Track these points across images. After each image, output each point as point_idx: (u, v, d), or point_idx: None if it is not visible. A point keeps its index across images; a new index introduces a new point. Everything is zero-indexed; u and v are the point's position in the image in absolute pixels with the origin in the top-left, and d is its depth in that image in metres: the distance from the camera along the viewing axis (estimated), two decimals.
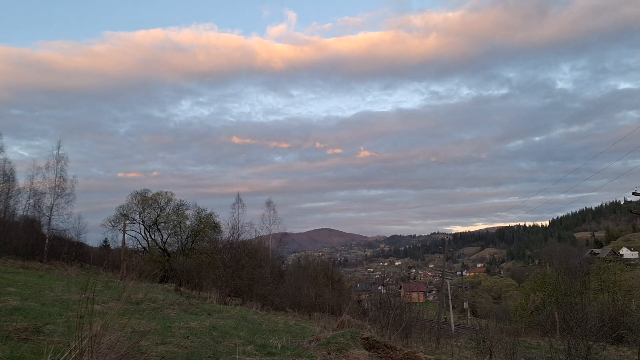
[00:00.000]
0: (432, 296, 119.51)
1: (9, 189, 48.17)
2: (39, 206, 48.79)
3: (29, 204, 49.37)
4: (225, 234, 51.04)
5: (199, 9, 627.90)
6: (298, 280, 42.26)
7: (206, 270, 39.59)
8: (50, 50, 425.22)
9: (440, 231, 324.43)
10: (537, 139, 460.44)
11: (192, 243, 55.54)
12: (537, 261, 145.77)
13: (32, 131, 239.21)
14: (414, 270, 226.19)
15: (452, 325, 49.86)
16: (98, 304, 10.36)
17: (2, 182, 46.95)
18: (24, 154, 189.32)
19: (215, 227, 55.77)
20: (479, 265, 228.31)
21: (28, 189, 48.97)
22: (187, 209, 56.42)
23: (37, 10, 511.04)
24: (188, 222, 56.16)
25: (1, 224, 41.16)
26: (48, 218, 47.18)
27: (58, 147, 48.96)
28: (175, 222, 55.65)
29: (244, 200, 64.65)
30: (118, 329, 6.06)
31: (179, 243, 56.14)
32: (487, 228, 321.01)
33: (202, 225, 55.69)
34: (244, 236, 48.26)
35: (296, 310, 33.92)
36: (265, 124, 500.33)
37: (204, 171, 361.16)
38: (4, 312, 9.41)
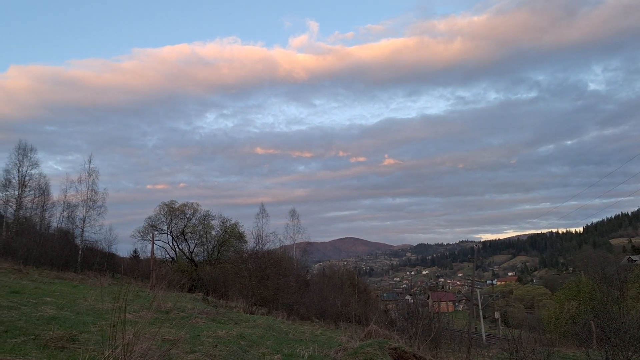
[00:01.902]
0: (461, 306, 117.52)
1: (44, 202, 49.70)
2: (72, 218, 50.20)
3: (63, 216, 50.84)
4: (250, 243, 51.54)
5: (223, 23, 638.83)
6: (323, 289, 42.15)
7: (232, 279, 39.87)
8: (82, 68, 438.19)
9: (469, 239, 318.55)
10: (569, 142, 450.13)
11: (218, 253, 56.11)
12: (571, 269, 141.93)
13: (65, 146, 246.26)
14: (442, 279, 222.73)
15: (483, 335, 48.91)
16: (130, 313, 10.60)
17: (37, 195, 48.48)
18: (58, 169, 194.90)
19: (240, 237, 56.29)
20: (510, 273, 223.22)
21: (62, 202, 50.48)
22: (212, 219, 57.21)
23: (69, 29, 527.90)
24: (214, 232, 56.86)
25: (37, 236, 42.35)
26: (81, 230, 48.47)
27: (89, 162, 50.37)
28: (201, 233, 56.39)
29: (267, 210, 65.10)
30: (149, 338, 6.19)
31: (206, 253, 56.82)
32: (518, 235, 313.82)
33: (227, 235, 56.27)
34: (269, 246, 48.57)
35: (322, 320, 33.82)
36: (288, 134, 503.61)
37: (229, 182, 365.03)
38: (41, 321, 9.70)
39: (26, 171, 46.55)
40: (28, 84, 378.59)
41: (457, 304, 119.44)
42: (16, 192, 45.60)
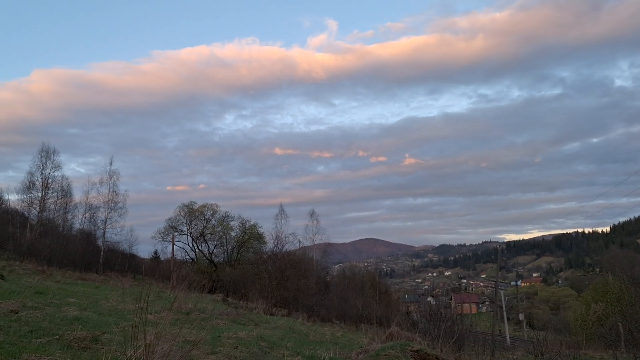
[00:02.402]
0: (484, 307, 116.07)
1: (66, 204, 50.58)
2: (94, 220, 50.98)
3: (85, 217, 51.66)
4: (270, 244, 51.65)
5: (241, 24, 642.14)
6: (344, 291, 42.03)
7: (252, 280, 40.01)
8: (103, 71, 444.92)
9: (492, 240, 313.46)
10: (594, 140, 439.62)
11: (238, 254, 56.40)
12: (597, 269, 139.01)
13: (87, 149, 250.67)
14: (464, 281, 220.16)
15: (508, 337, 48.22)
16: (151, 314, 10.67)
17: (60, 197, 49.35)
18: (80, 171, 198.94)
19: (260, 238, 56.49)
20: (534, 274, 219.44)
21: (84, 204, 51.31)
22: (231, 221, 57.54)
23: (90, 32, 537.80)
24: (233, 233, 57.17)
25: (60, 238, 43.12)
26: (102, 231, 49.22)
27: (110, 163, 51.13)
28: (220, 234, 56.77)
29: (287, 210, 65.06)
30: (170, 339, 6.18)
31: (225, 254, 57.18)
32: (542, 235, 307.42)
33: (246, 236, 56.53)
34: (288, 247, 48.62)
35: (343, 322, 33.70)
36: (307, 134, 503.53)
37: (248, 183, 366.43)
38: (65, 321, 9.81)
39: (49, 173, 47.41)
40: (51, 88, 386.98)
41: (480, 305, 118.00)
42: (40, 194, 46.46)
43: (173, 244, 47.37)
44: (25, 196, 46.39)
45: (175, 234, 53.84)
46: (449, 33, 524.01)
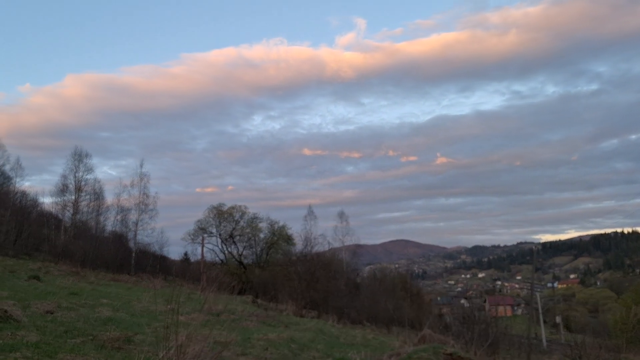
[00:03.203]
0: (520, 310, 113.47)
1: (99, 206, 51.71)
2: (125, 222, 51.86)
3: (117, 219, 52.63)
4: (299, 246, 51.68)
5: (269, 25, 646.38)
6: (374, 293, 41.69)
7: (281, 282, 40.10)
8: (133, 75, 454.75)
9: (528, 240, 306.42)
10: (633, 137, 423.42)
11: (267, 255, 56.63)
12: (638, 271, 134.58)
13: (119, 151, 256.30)
14: (499, 283, 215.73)
15: (544, 340, 47.06)
16: (182, 315, 10.72)
17: (93, 200, 50.49)
18: (112, 173, 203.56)
19: (289, 240, 56.55)
20: (571, 276, 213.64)
21: (116, 206, 52.27)
22: (260, 222, 57.75)
23: (121, 37, 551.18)
24: (262, 235, 57.41)
25: (93, 239, 44.10)
26: (134, 233, 50.05)
27: (141, 166, 51.99)
28: (249, 235, 57.09)
29: (315, 212, 64.73)
30: (201, 340, 6.17)
31: (254, 255, 57.47)
32: (580, 236, 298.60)
33: (275, 238, 56.70)
34: (317, 248, 48.52)
35: (374, 324, 33.41)
36: (335, 134, 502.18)
37: (276, 184, 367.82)
38: (98, 322, 9.96)
39: (82, 176, 48.50)
40: (83, 92, 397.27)
41: (515, 308, 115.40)
42: (73, 197, 47.63)
43: (203, 246, 48.03)
44: (59, 199, 47.67)
45: (205, 235, 54.49)
46: (481, 29, 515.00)
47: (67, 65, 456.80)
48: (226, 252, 57.88)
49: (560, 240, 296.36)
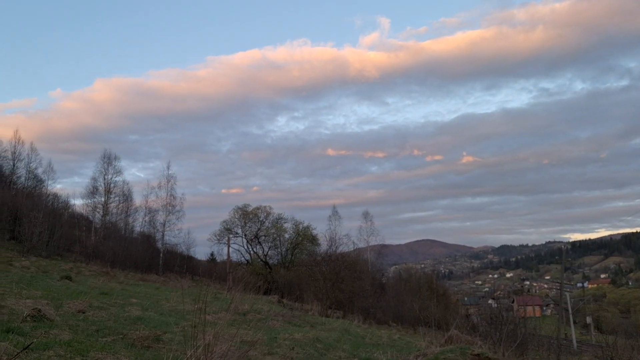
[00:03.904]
0: (549, 310, 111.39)
1: (127, 208, 52.84)
2: (153, 223, 52.91)
3: (145, 221, 53.73)
4: (323, 246, 51.66)
5: (293, 26, 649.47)
6: (400, 293, 41.44)
7: (306, 282, 40.17)
8: (160, 78, 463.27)
9: (556, 239, 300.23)
10: None
11: (292, 256, 56.84)
12: None
13: (146, 154, 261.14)
14: (527, 283, 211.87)
15: (574, 341, 46.00)
16: (209, 315, 10.84)
17: (122, 201, 51.62)
18: (140, 175, 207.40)
19: (313, 240, 56.66)
20: (602, 275, 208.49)
21: (144, 207, 53.39)
22: (285, 222, 58.07)
23: (148, 41, 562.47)
24: (287, 235, 57.66)
25: (122, 240, 45.02)
26: (161, 233, 50.98)
27: (168, 168, 52.97)
28: (274, 235, 57.42)
29: (340, 212, 64.85)
30: (228, 339, 6.24)
31: (279, 256, 57.77)
32: (610, 235, 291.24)
33: (300, 238, 56.87)
34: (342, 248, 48.38)
35: (399, 324, 33.23)
36: (359, 134, 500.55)
37: (300, 184, 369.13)
38: (128, 321, 10.17)
39: (111, 178, 49.67)
40: (112, 96, 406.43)
41: (544, 308, 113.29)
42: (103, 199, 48.74)
43: (228, 246, 48.52)
44: (89, 201, 48.89)
45: (230, 236, 55.04)
46: (507, 26, 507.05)
47: (97, 70, 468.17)
48: (251, 252, 58.39)
49: (590, 240, 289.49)
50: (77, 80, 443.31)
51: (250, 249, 58.34)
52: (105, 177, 49.35)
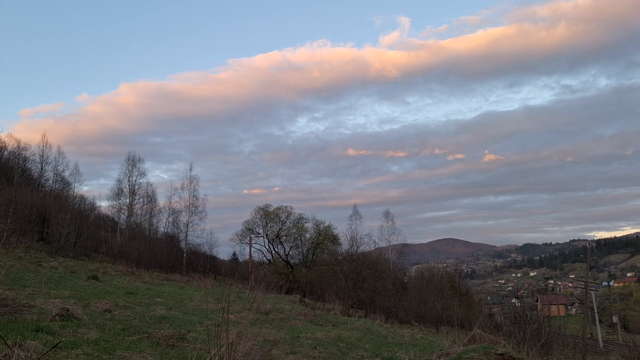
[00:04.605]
0: (574, 309, 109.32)
1: (152, 209, 53.59)
2: (176, 223, 53.51)
3: (169, 221, 54.38)
4: (344, 246, 51.70)
5: (313, 27, 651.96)
6: (422, 292, 41.12)
7: (328, 281, 40.19)
8: (182, 82, 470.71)
9: (581, 238, 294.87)
10: None
11: (313, 255, 56.97)
12: None
13: (170, 156, 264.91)
14: (551, 282, 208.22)
15: (600, 341, 45.09)
16: (232, 314, 10.98)
17: (146, 202, 52.36)
18: (164, 177, 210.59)
19: (334, 239, 56.68)
20: (628, 274, 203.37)
21: (167, 208, 54.07)
22: (306, 222, 58.27)
23: (170, 45, 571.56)
24: (308, 235, 57.84)
25: (147, 241, 45.70)
26: (185, 234, 51.57)
27: (190, 169, 53.57)
28: (295, 235, 57.63)
29: (361, 211, 64.74)
30: (251, 338, 6.31)
31: (301, 255, 57.98)
32: (636, 232, 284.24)
33: (321, 238, 56.96)
34: (363, 248, 48.38)
35: (422, 324, 33.01)
36: (380, 134, 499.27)
37: (321, 184, 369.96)
38: (153, 320, 10.35)
39: (135, 180, 50.39)
40: (136, 100, 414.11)
41: (569, 307, 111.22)
42: (127, 200, 49.51)
43: (250, 246, 48.82)
44: (114, 202, 49.71)
45: (252, 236, 55.46)
46: (529, 22, 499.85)
47: (121, 74, 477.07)
48: (273, 252, 58.71)
49: (615, 238, 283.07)
50: (102, 84, 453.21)
51: (272, 249, 58.73)
52: (130, 179, 50.14)
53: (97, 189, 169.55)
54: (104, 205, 54.34)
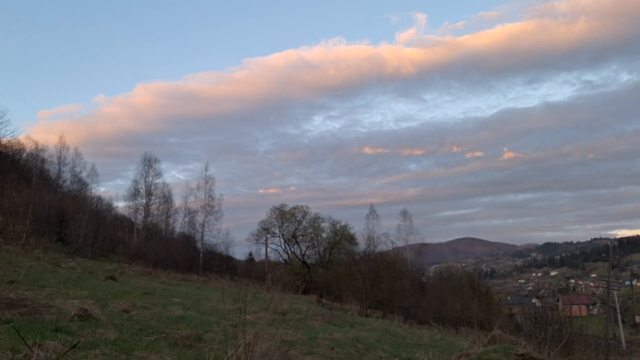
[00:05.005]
0: (596, 309, 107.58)
1: (168, 209, 54.02)
2: (193, 223, 53.86)
3: (185, 221, 54.76)
4: (361, 245, 51.53)
5: (328, 26, 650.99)
6: (441, 292, 40.80)
7: (345, 282, 40.07)
8: (198, 82, 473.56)
9: (603, 236, 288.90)
10: None
11: (330, 255, 56.84)
12: None
13: (186, 156, 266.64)
14: (572, 281, 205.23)
15: (623, 341, 44.21)
16: (249, 314, 10.94)
17: (162, 203, 52.80)
18: (180, 177, 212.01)
19: (351, 239, 56.48)
20: None
21: (183, 208, 54.44)
22: (322, 222, 58.15)
23: (185, 46, 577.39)
24: (324, 235, 57.71)
25: (163, 241, 46.07)
26: (201, 234, 51.88)
27: (206, 169, 53.89)
28: (312, 235, 57.57)
29: (378, 211, 64.41)
30: (268, 338, 6.25)
31: (317, 255, 57.88)
32: None
33: (337, 238, 56.80)
34: (380, 247, 48.18)
35: (441, 324, 32.72)
36: (397, 132, 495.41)
37: (337, 183, 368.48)
38: (170, 320, 10.36)
39: (152, 181, 50.85)
40: (152, 100, 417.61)
41: (591, 307, 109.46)
42: (144, 201, 49.97)
43: (266, 246, 48.99)
44: (131, 203, 50.25)
45: (268, 236, 55.57)
46: (548, 18, 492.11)
47: (137, 75, 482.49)
48: (289, 252, 58.76)
49: (638, 236, 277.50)
50: (119, 85, 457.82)
51: (288, 249, 58.79)
52: (146, 179, 50.60)
53: (114, 190, 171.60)
54: (120, 205, 54.87)
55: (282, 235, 58.31)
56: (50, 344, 5.62)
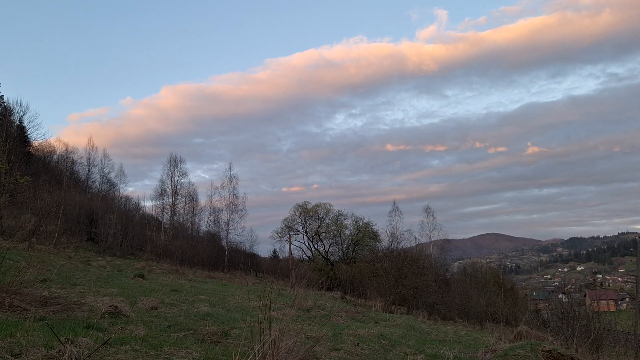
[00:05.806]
0: (624, 304, 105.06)
1: (193, 208, 54.91)
2: (218, 222, 54.66)
3: (210, 220, 55.60)
4: (384, 242, 51.30)
5: (349, 24, 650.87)
6: (466, 288, 40.37)
7: (369, 278, 40.01)
8: (221, 83, 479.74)
9: (631, 230, 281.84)
10: None
11: (353, 252, 56.86)
12: None
13: (211, 156, 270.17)
14: (600, 276, 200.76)
15: None
16: (274, 311, 11.07)
17: (188, 202, 53.69)
18: (205, 177, 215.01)
19: (374, 236, 56.40)
20: None
21: (208, 207, 55.25)
22: (345, 219, 58.24)
23: (209, 48, 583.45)
24: (347, 232, 57.79)
25: (190, 239, 46.81)
26: (226, 232, 52.55)
27: (230, 169, 54.54)
28: (335, 232, 57.70)
29: (400, 207, 64.21)
30: (293, 335, 6.34)
31: (340, 252, 57.99)
32: None
33: (361, 234, 56.77)
34: (404, 244, 47.79)
35: (465, 320, 32.42)
36: (419, 129, 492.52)
37: (360, 181, 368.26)
38: (198, 317, 10.57)
39: (177, 180, 51.84)
40: (177, 102, 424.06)
41: (619, 302, 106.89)
42: (170, 200, 50.88)
43: (290, 244, 49.22)
44: (158, 202, 51.27)
45: (292, 233, 55.87)
46: (571, 10, 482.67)
47: (163, 78, 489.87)
48: (313, 249, 59.00)
49: None
50: (145, 88, 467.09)
51: (312, 246, 59.02)
52: (172, 179, 51.53)
53: (141, 190, 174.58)
54: (148, 205, 56.07)
55: (306, 232, 58.61)
56: (82, 341, 5.82)
